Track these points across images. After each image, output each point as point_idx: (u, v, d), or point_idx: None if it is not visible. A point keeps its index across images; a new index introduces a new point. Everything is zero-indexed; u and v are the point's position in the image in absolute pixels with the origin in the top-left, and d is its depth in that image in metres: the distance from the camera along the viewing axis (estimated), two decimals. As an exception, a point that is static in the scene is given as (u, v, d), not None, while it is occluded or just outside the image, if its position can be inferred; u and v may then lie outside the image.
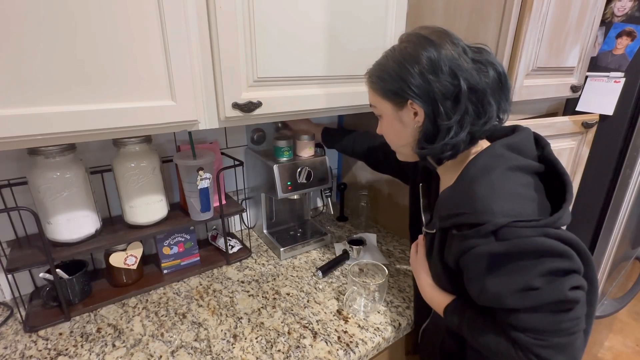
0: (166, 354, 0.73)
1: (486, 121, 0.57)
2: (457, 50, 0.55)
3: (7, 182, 0.81)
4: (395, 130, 0.65)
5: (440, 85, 0.55)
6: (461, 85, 0.54)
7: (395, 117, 0.63)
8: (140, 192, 0.87)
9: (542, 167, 0.58)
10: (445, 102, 0.55)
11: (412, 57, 0.56)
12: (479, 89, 0.55)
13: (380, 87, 0.62)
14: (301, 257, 1.09)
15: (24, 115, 0.55)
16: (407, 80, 0.57)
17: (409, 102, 0.58)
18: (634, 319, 2.07)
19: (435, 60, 0.55)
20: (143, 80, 0.64)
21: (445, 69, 0.54)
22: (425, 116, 0.58)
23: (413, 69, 0.56)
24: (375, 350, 0.79)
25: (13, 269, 0.74)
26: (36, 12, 0.53)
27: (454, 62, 0.54)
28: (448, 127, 0.56)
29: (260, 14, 0.73)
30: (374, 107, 0.67)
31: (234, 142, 1.14)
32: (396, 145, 0.68)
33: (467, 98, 0.54)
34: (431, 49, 0.55)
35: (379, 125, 0.69)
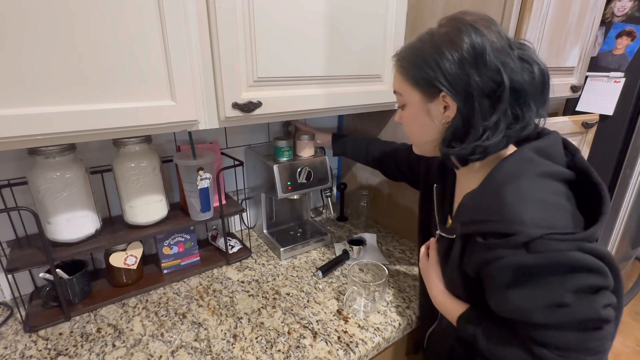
0: (166, 354, 0.73)
1: (524, 126, 0.52)
2: (503, 44, 0.50)
3: (7, 182, 0.81)
4: (419, 124, 0.59)
5: (480, 80, 0.49)
6: (504, 82, 0.49)
7: (422, 109, 0.57)
8: (140, 192, 0.87)
9: (573, 175, 0.53)
10: (483, 100, 0.50)
11: (453, 43, 0.51)
12: (522, 89, 0.50)
13: (411, 73, 0.57)
14: (301, 257, 1.09)
15: (24, 115, 0.55)
16: (443, 69, 0.51)
17: (442, 94, 0.53)
18: (634, 319, 2.07)
19: (479, 51, 0.49)
20: (143, 80, 0.64)
21: (489, 63, 0.49)
22: (457, 112, 0.53)
23: (452, 57, 0.51)
24: (375, 350, 0.79)
25: (13, 269, 0.74)
26: (36, 12, 0.53)
27: (499, 55, 0.49)
28: (484, 128, 0.51)
29: (260, 14, 0.73)
30: (399, 95, 0.61)
31: (234, 142, 1.14)
32: (418, 140, 0.63)
33: (508, 98, 0.49)
34: (476, 38, 0.49)
35: (398, 114, 0.64)
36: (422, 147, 0.63)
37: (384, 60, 0.99)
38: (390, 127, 1.14)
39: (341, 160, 1.43)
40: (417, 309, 0.86)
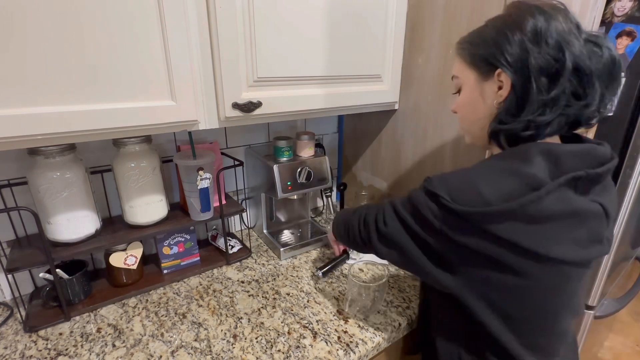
0: (166, 354, 0.73)
1: (587, 104, 0.50)
2: (569, 25, 0.50)
3: (7, 182, 0.81)
4: (472, 103, 0.60)
5: (540, 57, 0.49)
6: (566, 61, 0.48)
7: (476, 89, 0.58)
8: (140, 192, 0.87)
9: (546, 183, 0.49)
10: (540, 78, 0.50)
11: (515, 23, 0.51)
12: (586, 68, 0.49)
13: (469, 52, 0.58)
14: (301, 257, 1.09)
15: (24, 115, 0.55)
16: (502, 46, 0.52)
17: (497, 72, 0.53)
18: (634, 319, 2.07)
19: (541, 30, 0.49)
20: (143, 80, 0.64)
21: (550, 42, 0.49)
22: (511, 89, 0.52)
23: (513, 36, 0.51)
24: (375, 350, 0.79)
25: (13, 269, 0.74)
26: (36, 13, 0.53)
27: (563, 36, 0.49)
28: (539, 104, 0.50)
29: (260, 14, 0.73)
30: (456, 78, 0.62)
31: (234, 142, 1.14)
32: (469, 122, 0.63)
33: (568, 77, 0.49)
34: (540, 18, 0.49)
35: (455, 103, 0.65)
36: (472, 131, 0.63)
37: (384, 60, 0.99)
38: (391, 127, 1.14)
39: (341, 160, 1.43)
40: (417, 309, 0.86)
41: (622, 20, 1.06)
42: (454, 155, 0.95)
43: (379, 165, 1.23)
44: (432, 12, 0.93)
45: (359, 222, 0.69)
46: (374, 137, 1.22)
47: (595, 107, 0.51)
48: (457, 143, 0.94)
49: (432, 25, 0.93)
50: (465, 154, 0.92)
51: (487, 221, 0.48)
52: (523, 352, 0.56)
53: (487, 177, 0.51)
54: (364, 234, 0.67)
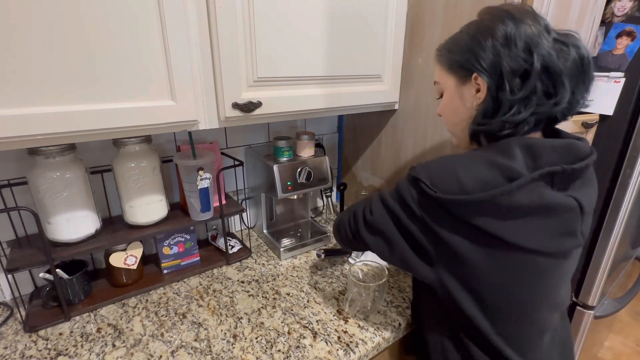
0: (166, 354, 0.73)
1: (557, 102, 0.53)
2: (538, 28, 0.53)
3: (7, 182, 0.81)
4: (453, 107, 0.63)
5: (511, 60, 0.52)
6: (534, 62, 0.51)
7: (456, 93, 0.61)
8: (140, 192, 0.87)
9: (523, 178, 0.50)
10: (513, 79, 0.53)
11: (487, 29, 0.55)
12: (554, 69, 0.51)
13: (447, 59, 0.62)
14: (301, 257, 1.09)
15: (24, 115, 0.55)
16: (476, 52, 0.55)
17: (474, 76, 0.57)
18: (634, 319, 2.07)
19: (510, 34, 0.52)
20: (143, 80, 0.64)
21: (519, 44, 0.52)
22: (487, 92, 0.56)
23: (486, 42, 0.54)
24: (375, 350, 0.79)
25: (13, 269, 0.74)
26: (36, 13, 0.53)
27: (531, 38, 0.52)
28: (510, 103, 0.54)
29: (260, 14, 0.73)
30: (438, 84, 0.66)
31: (234, 142, 1.14)
32: (452, 124, 0.66)
33: (538, 77, 0.51)
34: (509, 23, 0.53)
35: (439, 106, 0.68)
36: (456, 133, 0.66)
37: (384, 60, 0.99)
38: (391, 127, 1.14)
39: (341, 160, 1.43)
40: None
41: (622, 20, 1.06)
42: (454, 155, 0.95)
43: (379, 165, 1.23)
44: (432, 12, 0.93)
45: (349, 217, 0.71)
46: (374, 137, 1.22)
47: (566, 104, 0.53)
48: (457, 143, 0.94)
49: (432, 25, 0.93)
50: (465, 154, 0.92)
51: (463, 210, 0.51)
52: (500, 343, 0.58)
53: (466, 165, 0.53)
54: (353, 226, 0.69)
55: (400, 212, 0.58)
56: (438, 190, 0.52)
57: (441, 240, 0.54)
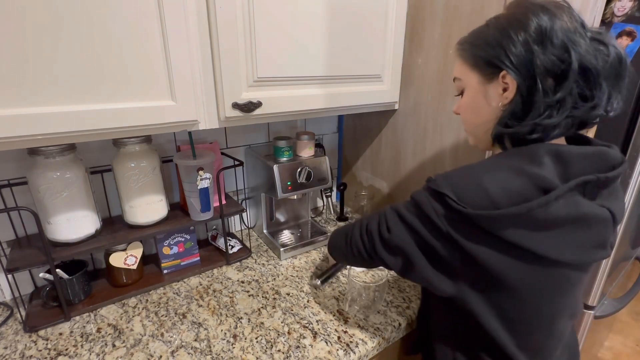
0: (166, 354, 0.73)
1: (594, 106, 0.49)
2: (574, 24, 0.49)
3: (7, 182, 0.81)
4: (475, 106, 0.58)
5: (546, 58, 0.48)
6: (572, 61, 0.47)
7: (480, 91, 0.56)
8: (140, 192, 0.87)
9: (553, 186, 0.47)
10: (546, 79, 0.49)
11: (519, 23, 0.50)
12: (593, 69, 0.47)
13: (471, 54, 0.56)
14: (301, 257, 1.09)
15: (24, 115, 0.55)
16: (506, 47, 0.50)
17: (502, 74, 0.52)
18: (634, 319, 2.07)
19: (546, 30, 0.48)
20: (143, 80, 0.64)
21: (556, 41, 0.47)
22: (516, 92, 0.51)
23: (517, 36, 0.49)
24: (375, 350, 0.79)
25: (13, 269, 0.74)
26: (36, 12, 0.53)
27: (568, 35, 0.48)
28: (544, 106, 0.49)
29: (260, 14, 0.73)
30: (458, 80, 0.61)
31: (234, 142, 1.14)
32: (472, 124, 0.62)
33: (574, 79, 0.47)
34: (544, 17, 0.48)
35: (456, 104, 0.64)
36: (476, 134, 0.62)
37: (384, 60, 0.99)
38: (391, 127, 1.14)
39: (341, 160, 1.43)
40: (417, 310, 0.86)
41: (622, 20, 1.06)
42: (454, 155, 0.95)
43: (379, 165, 1.23)
44: (432, 12, 0.93)
45: (361, 234, 0.64)
46: (374, 137, 1.22)
47: (602, 108, 0.50)
48: (457, 143, 0.94)
49: (432, 25, 0.93)
50: (465, 153, 0.92)
51: (494, 225, 0.47)
52: (518, 354, 0.56)
53: (493, 175, 0.50)
54: (369, 245, 0.62)
55: (421, 228, 0.53)
56: (466, 204, 0.48)
57: (468, 255, 0.50)
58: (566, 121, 0.50)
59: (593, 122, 0.53)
